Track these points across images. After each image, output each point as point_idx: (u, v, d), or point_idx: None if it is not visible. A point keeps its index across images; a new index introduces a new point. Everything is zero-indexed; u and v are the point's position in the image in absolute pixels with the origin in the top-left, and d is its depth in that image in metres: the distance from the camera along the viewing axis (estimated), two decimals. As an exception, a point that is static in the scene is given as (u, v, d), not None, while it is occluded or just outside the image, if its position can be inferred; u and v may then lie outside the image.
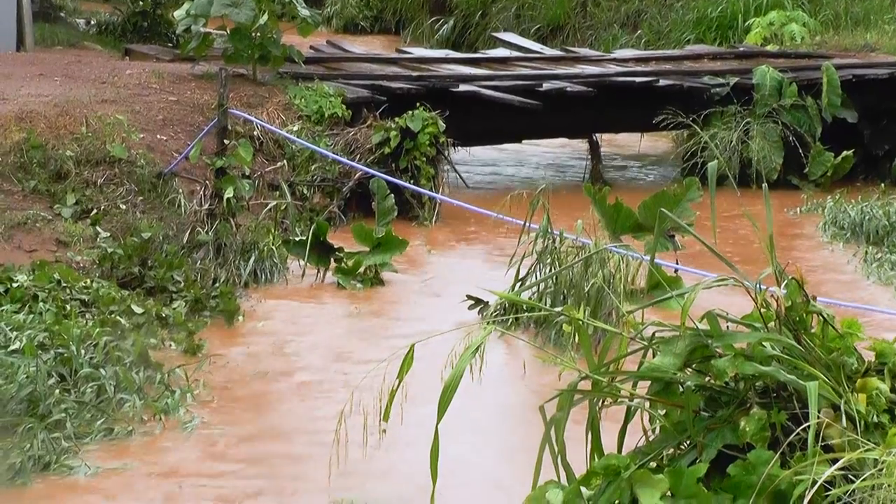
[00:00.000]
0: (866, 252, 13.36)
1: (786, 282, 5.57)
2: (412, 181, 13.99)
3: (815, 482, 4.90)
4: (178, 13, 15.24)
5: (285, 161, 13.89)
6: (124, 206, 12.16)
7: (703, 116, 16.51)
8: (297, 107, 14.67)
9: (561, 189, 15.03)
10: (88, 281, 10.46)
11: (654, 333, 5.69)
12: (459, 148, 15.76)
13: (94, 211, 11.99)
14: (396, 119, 14.46)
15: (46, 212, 11.79)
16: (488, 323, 5.66)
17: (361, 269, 11.96)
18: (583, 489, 5.41)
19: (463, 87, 15.86)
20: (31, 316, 9.46)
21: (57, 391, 8.37)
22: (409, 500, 7.19)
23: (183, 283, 10.87)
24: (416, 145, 14.30)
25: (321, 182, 13.96)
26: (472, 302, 11.04)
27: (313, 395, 9.32)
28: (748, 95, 16.83)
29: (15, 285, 9.98)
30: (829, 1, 22.27)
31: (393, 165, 14.18)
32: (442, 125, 14.50)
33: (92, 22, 23.03)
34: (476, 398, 7.63)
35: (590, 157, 17.31)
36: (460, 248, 13.66)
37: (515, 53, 18.88)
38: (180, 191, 12.55)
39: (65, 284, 10.21)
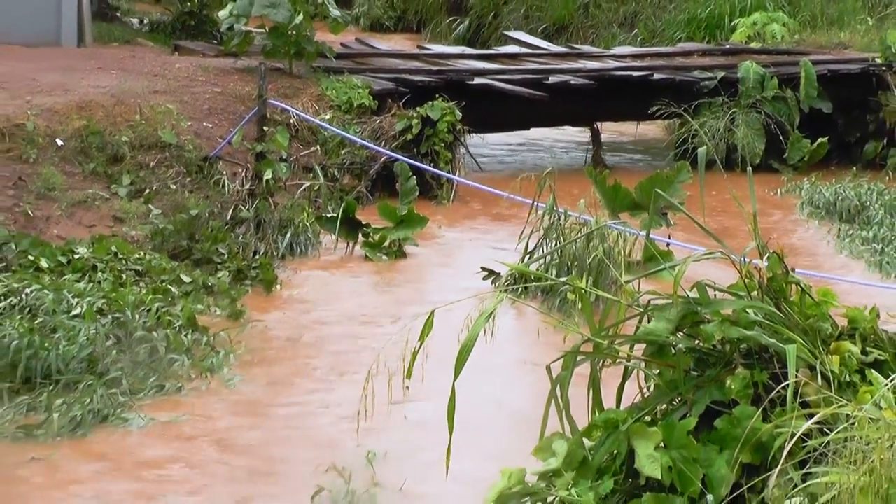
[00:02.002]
0: (839, 229, 13.32)
1: (767, 255, 5.56)
2: (432, 164, 13.99)
3: (793, 435, 4.91)
4: (222, 13, 15.28)
5: (318, 146, 13.89)
6: (174, 186, 12.17)
7: (693, 107, 16.47)
8: (329, 97, 14.66)
9: (566, 172, 14.97)
10: (142, 253, 10.49)
11: (649, 301, 5.69)
12: (474, 134, 15.74)
13: (147, 190, 11.99)
14: (418, 109, 14.44)
15: (104, 191, 11.80)
16: (500, 292, 5.64)
17: (386, 243, 11.96)
18: (585, 440, 5.42)
19: (477, 80, 15.83)
20: (91, 284, 9.50)
21: (114, 352, 8.41)
22: (429, 449, 7.19)
23: (226, 256, 10.88)
24: (435, 132, 14.28)
25: (350, 165, 13.95)
26: (486, 273, 11.04)
27: (343, 356, 9.32)
28: (734, 88, 16.77)
29: (76, 257, 10.02)
30: (807, 3, 22.16)
31: (415, 150, 14.17)
32: (459, 114, 14.48)
33: (144, 21, 22.98)
34: (489, 359, 7.63)
35: (591, 143, 17.27)
36: (475, 225, 13.64)
37: (524, 50, 18.84)
38: (224, 172, 12.56)
39: (121, 256, 10.23)
